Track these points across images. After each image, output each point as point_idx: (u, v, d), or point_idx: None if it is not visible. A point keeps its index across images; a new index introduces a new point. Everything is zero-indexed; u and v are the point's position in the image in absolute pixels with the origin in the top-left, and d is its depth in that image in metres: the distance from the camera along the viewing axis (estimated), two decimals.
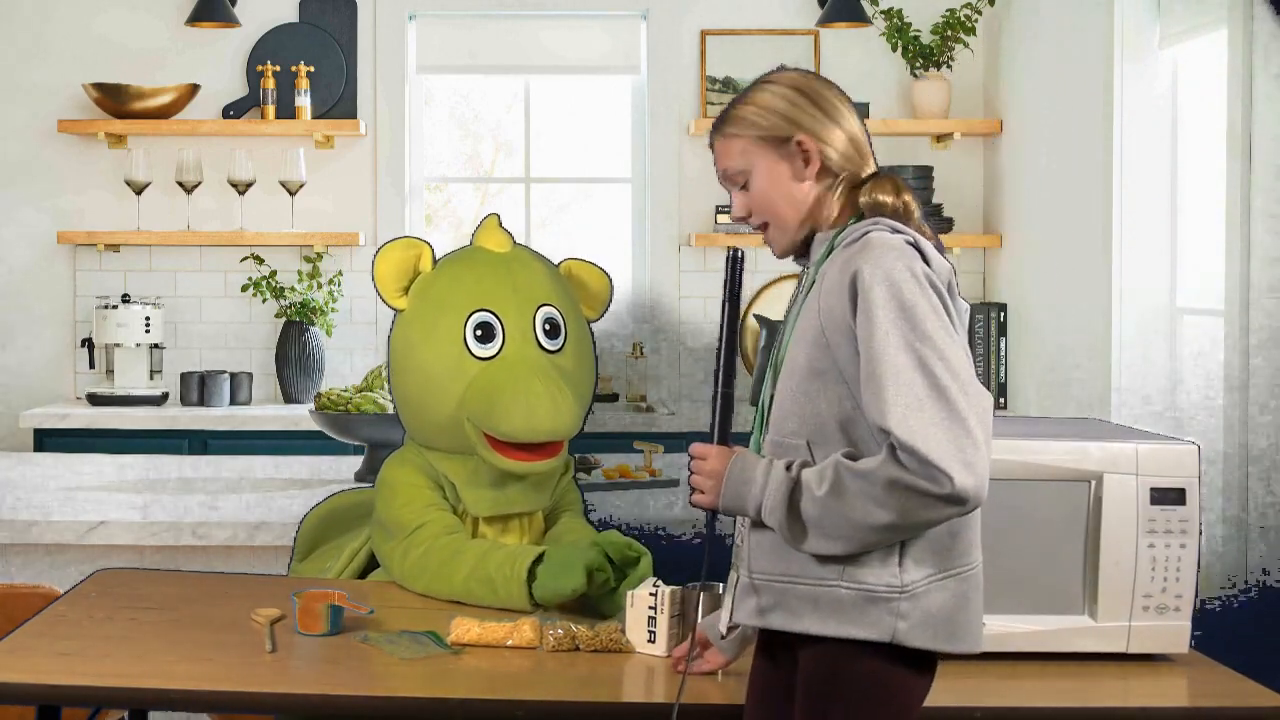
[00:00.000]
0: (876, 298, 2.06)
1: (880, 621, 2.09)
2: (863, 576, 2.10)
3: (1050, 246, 5.20)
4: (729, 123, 2.27)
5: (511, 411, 2.90)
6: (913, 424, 2.00)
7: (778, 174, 2.23)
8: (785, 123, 2.21)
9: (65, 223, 5.81)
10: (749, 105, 2.25)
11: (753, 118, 2.24)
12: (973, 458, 2.01)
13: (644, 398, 5.69)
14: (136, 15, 5.82)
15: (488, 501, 3.00)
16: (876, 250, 2.10)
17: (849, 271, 2.10)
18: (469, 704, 2.41)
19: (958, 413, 2.02)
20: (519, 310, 3.00)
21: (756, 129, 2.23)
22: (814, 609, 2.12)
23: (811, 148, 2.20)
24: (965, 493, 2.00)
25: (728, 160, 2.29)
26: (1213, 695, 2.50)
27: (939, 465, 2.00)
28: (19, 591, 3.05)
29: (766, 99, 2.24)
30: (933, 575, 2.11)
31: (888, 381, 2.03)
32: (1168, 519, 2.57)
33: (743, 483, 2.16)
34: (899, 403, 2.02)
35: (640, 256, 5.99)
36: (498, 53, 5.98)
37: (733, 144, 2.27)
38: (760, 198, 2.26)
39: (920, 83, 5.73)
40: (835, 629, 2.11)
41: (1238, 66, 3.84)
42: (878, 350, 2.04)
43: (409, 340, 3.05)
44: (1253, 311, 3.77)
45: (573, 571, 2.72)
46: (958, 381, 2.03)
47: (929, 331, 2.05)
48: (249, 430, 5.38)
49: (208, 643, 2.62)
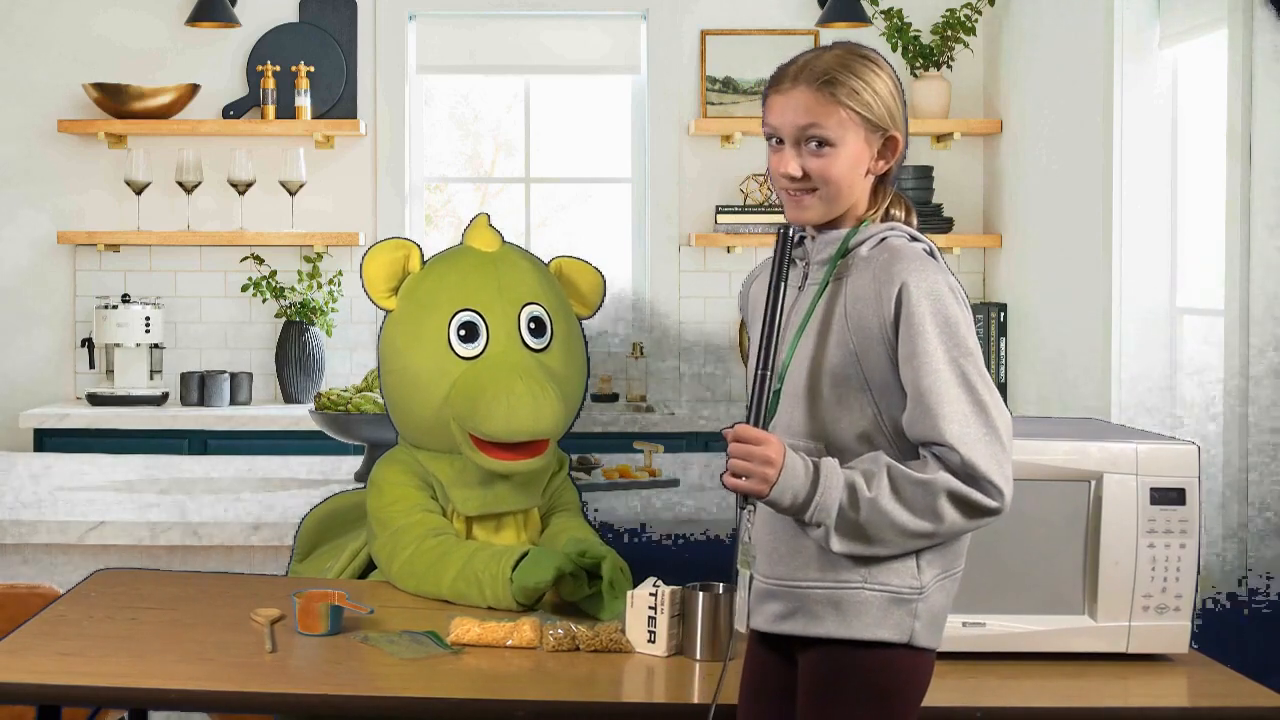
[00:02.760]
0: (923, 312, 2.08)
1: (901, 623, 2.11)
2: (886, 578, 2.11)
3: (1050, 246, 5.20)
4: (839, 88, 2.16)
5: (493, 411, 2.90)
6: (969, 439, 2.05)
7: (860, 158, 2.18)
8: (889, 116, 2.18)
9: (65, 223, 5.81)
10: (862, 82, 2.17)
11: (867, 98, 2.17)
12: (1008, 471, 2.08)
13: (644, 398, 5.69)
14: (136, 15, 5.82)
15: (475, 500, 3.01)
16: (914, 261, 2.11)
17: (890, 284, 2.10)
18: (469, 704, 2.41)
19: (995, 428, 2.07)
20: (503, 309, 3.01)
21: (867, 109, 2.17)
22: (836, 612, 2.11)
23: (900, 148, 2.21)
24: (1006, 507, 2.08)
25: (822, 120, 2.16)
26: (1213, 695, 2.50)
27: (992, 480, 2.05)
28: (19, 591, 3.05)
29: (880, 86, 2.18)
30: (939, 576, 2.14)
31: (942, 396, 2.06)
32: (1168, 519, 2.57)
33: (794, 477, 2.09)
34: (955, 417, 2.05)
35: (640, 256, 5.99)
36: (498, 53, 5.98)
37: (835, 110, 2.15)
38: (834, 171, 2.17)
39: (920, 83, 5.73)
40: (860, 631, 2.10)
41: (1238, 66, 3.84)
42: (928, 366, 2.07)
43: (396, 341, 3.06)
44: (1253, 311, 3.77)
45: (543, 567, 2.73)
46: (992, 395, 2.09)
47: (970, 346, 2.09)
48: (249, 430, 5.38)
49: (208, 643, 2.62)
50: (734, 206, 5.77)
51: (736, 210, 5.76)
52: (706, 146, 5.89)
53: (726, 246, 5.82)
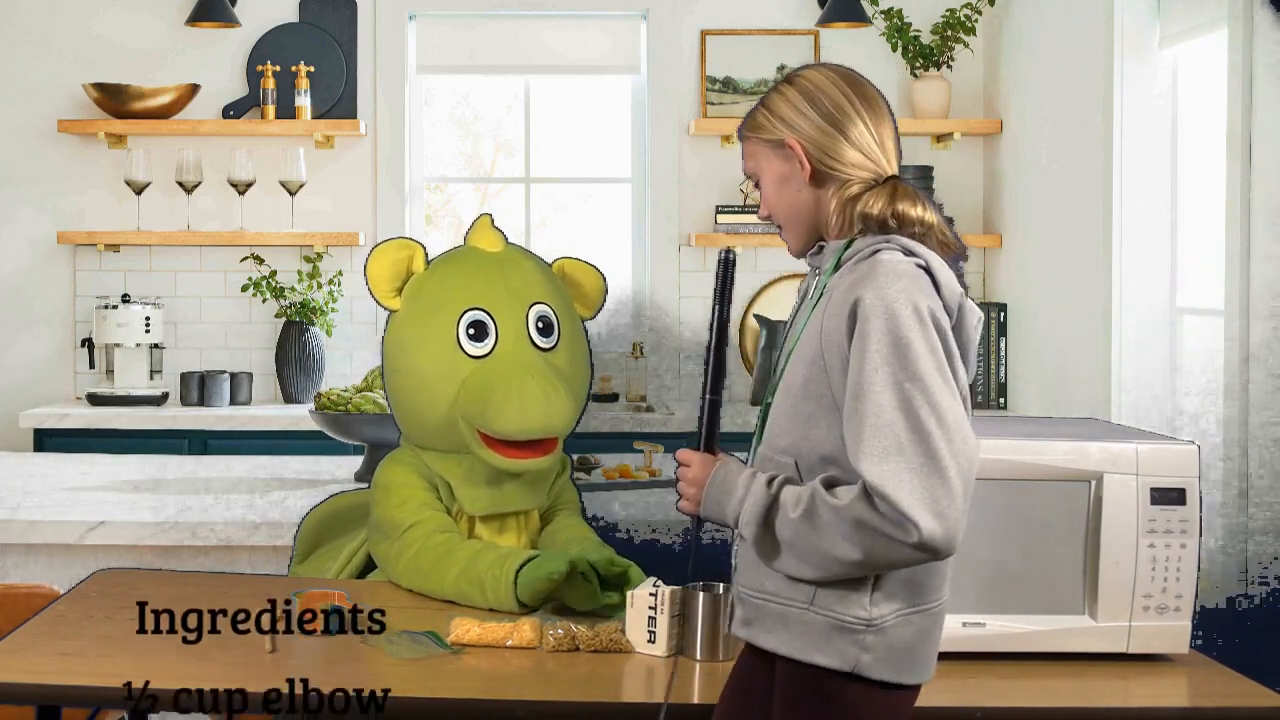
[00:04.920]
0: (872, 329, 2.02)
1: (844, 651, 2.07)
2: (832, 605, 2.08)
3: (1050, 246, 5.20)
4: (745, 124, 2.28)
5: (505, 409, 2.90)
6: (887, 468, 1.97)
7: (780, 178, 2.23)
8: (782, 126, 2.20)
9: (65, 223, 5.81)
10: (761, 106, 2.25)
11: (760, 120, 2.24)
12: (946, 508, 1.97)
13: (644, 398, 5.69)
14: (136, 15, 5.82)
15: (483, 500, 3.01)
16: (883, 277, 2.05)
17: (852, 297, 2.06)
18: (469, 704, 2.41)
19: (937, 460, 1.97)
20: (511, 309, 3.01)
21: (762, 131, 2.23)
22: (784, 628, 2.12)
23: (801, 153, 2.18)
24: (934, 542, 1.97)
25: (745, 161, 2.30)
26: (1213, 695, 2.50)
27: (908, 514, 1.96)
28: (19, 591, 3.05)
29: (773, 101, 2.23)
30: (900, 610, 2.09)
31: (868, 420, 1.99)
32: (1168, 519, 2.57)
33: (724, 491, 2.16)
34: (876, 444, 1.98)
35: (640, 256, 6.00)
36: (498, 53, 5.98)
37: (746, 145, 2.28)
38: (769, 201, 2.26)
39: (920, 83, 5.73)
40: (800, 652, 2.10)
41: (1238, 66, 3.84)
42: (865, 385, 2.01)
43: (402, 341, 3.06)
44: (1253, 311, 3.77)
45: (556, 560, 2.73)
46: (943, 427, 1.98)
47: (920, 372, 2.00)
48: (249, 430, 5.38)
49: (208, 643, 2.61)
50: (734, 206, 5.77)
51: (736, 210, 5.76)
52: (706, 146, 5.89)
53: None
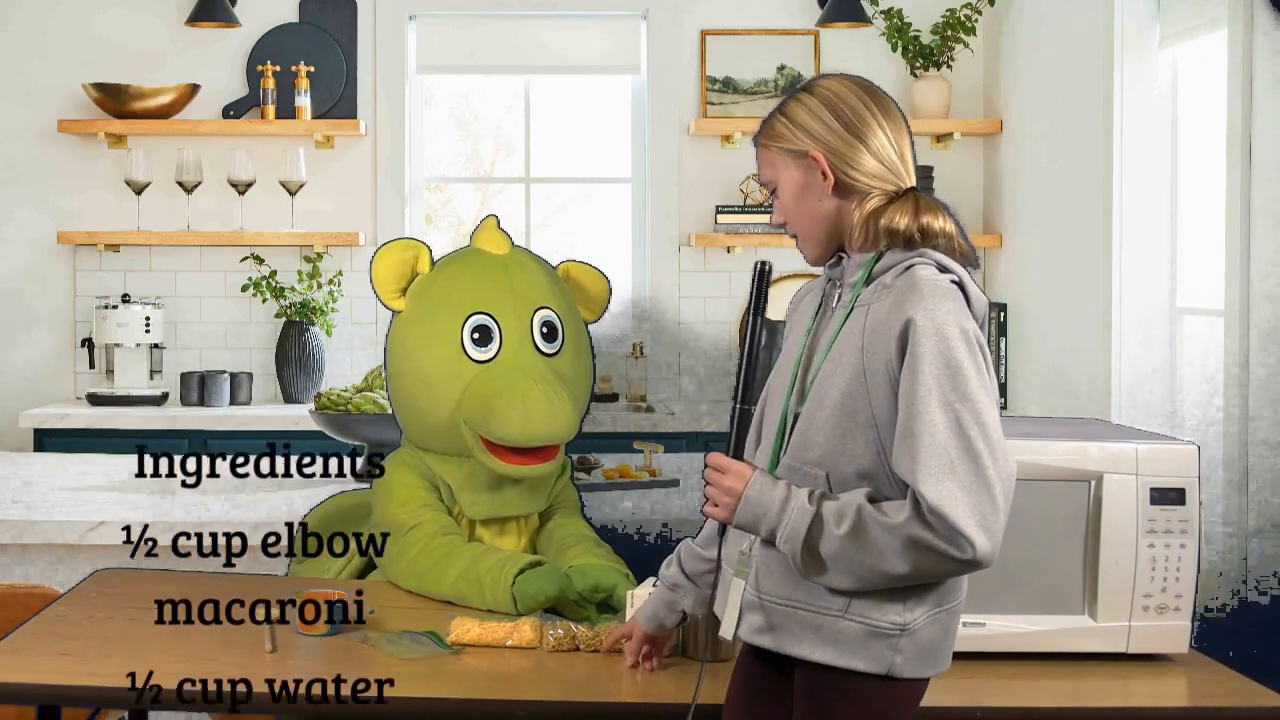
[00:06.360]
0: (924, 351, 2.05)
1: (880, 656, 2.10)
2: (868, 612, 2.10)
3: (1050, 246, 5.20)
4: (763, 132, 2.26)
5: (508, 416, 2.89)
6: (944, 488, 2.01)
7: (799, 188, 2.22)
8: (806, 137, 2.19)
9: (65, 223, 5.81)
10: (780, 115, 2.24)
11: (780, 129, 2.23)
12: (992, 523, 2.03)
13: (644, 398, 5.69)
14: (136, 15, 5.82)
15: (484, 504, 3.00)
16: (930, 298, 2.08)
17: (900, 317, 2.08)
18: (469, 704, 2.41)
19: (985, 477, 2.03)
20: (516, 313, 3.00)
21: (782, 141, 2.22)
22: (815, 635, 2.13)
23: (825, 164, 2.19)
24: (982, 557, 2.03)
25: (761, 169, 2.28)
26: (1213, 695, 2.51)
27: (963, 531, 2.01)
28: (19, 591, 3.05)
29: (794, 110, 2.22)
30: (929, 611, 2.13)
31: (924, 440, 2.03)
32: (1168, 519, 2.57)
33: (759, 505, 2.15)
34: (932, 464, 2.02)
35: (640, 257, 5.99)
36: (498, 53, 5.97)
37: (763, 153, 2.26)
38: (787, 211, 2.25)
39: (920, 83, 5.73)
40: (834, 658, 2.12)
41: (1238, 66, 3.84)
42: (919, 406, 2.04)
43: (406, 342, 3.05)
44: (1253, 311, 3.77)
45: (549, 582, 2.73)
46: (989, 445, 2.04)
47: (970, 392, 2.05)
48: (249, 430, 5.38)
49: (208, 643, 2.62)
50: (734, 206, 5.77)
51: (737, 210, 5.76)
52: (706, 146, 5.89)
53: (726, 247, 5.82)
